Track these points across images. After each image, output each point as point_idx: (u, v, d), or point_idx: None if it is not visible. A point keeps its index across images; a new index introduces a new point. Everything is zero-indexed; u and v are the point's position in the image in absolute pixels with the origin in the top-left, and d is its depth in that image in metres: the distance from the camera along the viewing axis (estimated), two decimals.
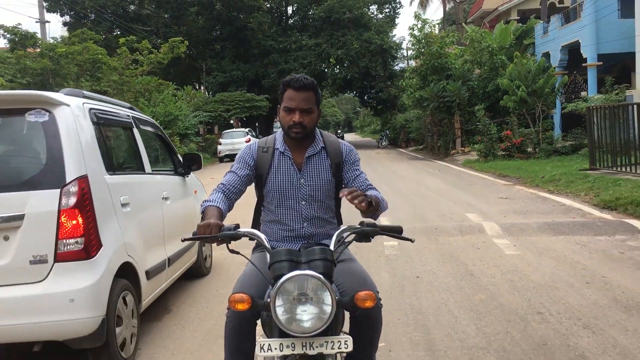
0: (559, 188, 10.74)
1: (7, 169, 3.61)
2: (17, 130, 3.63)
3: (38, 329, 3.32)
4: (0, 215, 3.31)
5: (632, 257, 5.79)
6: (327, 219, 2.77)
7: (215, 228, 2.26)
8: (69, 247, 3.38)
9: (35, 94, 3.65)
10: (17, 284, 3.34)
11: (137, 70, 17.91)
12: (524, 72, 18.61)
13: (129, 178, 4.38)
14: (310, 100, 2.59)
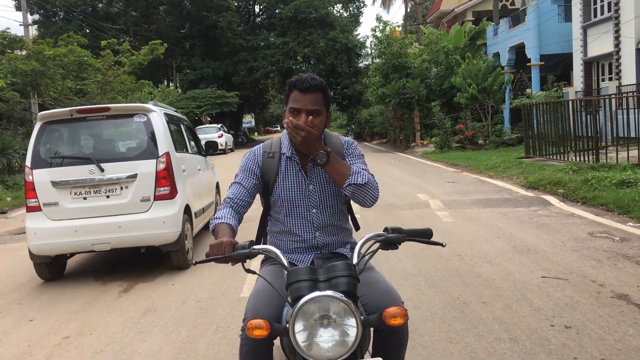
0: (497, 173, 12.63)
1: (126, 148, 6.11)
2: (130, 126, 6.16)
3: (145, 239, 5.92)
4: (125, 174, 5.84)
5: (537, 221, 7.60)
6: (341, 225, 2.57)
7: (228, 247, 2.10)
8: (161, 192, 5.83)
9: (139, 106, 6.08)
10: (134, 213, 5.80)
11: (119, 70, 19.19)
12: (475, 71, 20.56)
13: (184, 155, 6.81)
14: (319, 102, 2.39)
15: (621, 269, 5.15)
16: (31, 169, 5.86)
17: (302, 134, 2.27)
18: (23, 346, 4.28)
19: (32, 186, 5.84)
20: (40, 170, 5.86)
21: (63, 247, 5.89)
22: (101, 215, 5.84)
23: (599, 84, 18.80)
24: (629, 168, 10.07)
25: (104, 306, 5.14)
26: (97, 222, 5.81)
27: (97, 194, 5.86)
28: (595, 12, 18.72)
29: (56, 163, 5.92)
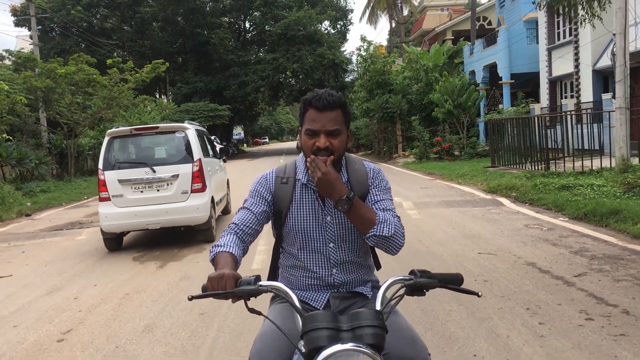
0: (465, 180, 14.39)
1: (171, 156, 8.16)
2: (173, 140, 8.27)
3: (184, 220, 8.25)
4: (170, 174, 8.01)
5: (488, 217, 9.32)
6: (361, 262, 2.30)
7: (230, 281, 1.80)
8: (196, 187, 7.94)
9: (179, 125, 8.28)
10: (176, 202, 8.01)
11: (124, 86, 20.81)
12: (451, 88, 22.43)
13: (208, 159, 8.98)
14: (338, 120, 2.14)
15: (538, 248, 6.86)
16: (103, 170, 8.14)
17: (318, 174, 2.01)
18: (97, 299, 5.88)
19: (103, 183, 8.10)
20: (109, 172, 8.08)
21: (126, 226, 8.25)
22: (153, 203, 8.20)
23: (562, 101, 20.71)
24: (572, 175, 11.87)
25: (148, 276, 6.76)
26: (150, 208, 8.18)
27: (150, 188, 8.19)
28: (559, 35, 20.68)
29: (121, 166, 8.17)
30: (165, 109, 29.72)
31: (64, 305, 5.74)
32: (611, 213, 8.15)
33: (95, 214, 13.40)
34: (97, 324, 5.06)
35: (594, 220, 8.21)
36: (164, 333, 4.67)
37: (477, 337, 4.12)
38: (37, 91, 19.11)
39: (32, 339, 4.78)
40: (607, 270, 5.66)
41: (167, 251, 8.18)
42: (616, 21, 11.51)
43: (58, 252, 8.83)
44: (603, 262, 6.01)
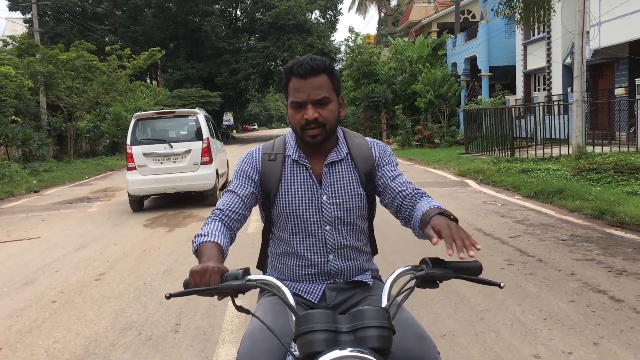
0: (440, 165, 15.71)
1: (185, 134, 9.84)
2: (186, 123, 9.90)
3: (195, 187, 10.39)
4: (184, 149, 9.88)
5: (454, 195, 10.62)
6: (359, 247, 2.04)
7: (215, 275, 1.54)
8: (204, 160, 9.57)
9: (191, 110, 10.03)
10: (189, 172, 9.78)
11: (122, 72, 21.87)
12: (433, 80, 23.69)
13: (214, 140, 10.65)
14: (325, 87, 1.86)
15: (488, 218, 8.17)
16: (130, 145, 10.06)
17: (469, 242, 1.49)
18: (120, 254, 7.11)
19: (131, 155, 10.05)
20: (135, 146, 10.03)
21: (148, 190, 10.26)
22: (170, 172, 10.24)
23: (534, 93, 22.09)
24: (533, 161, 13.21)
25: (159, 238, 8.00)
26: (168, 176, 10.23)
27: (168, 160, 10.06)
28: (533, 31, 21.97)
29: (145, 142, 10.05)
30: (158, 95, 30.72)
31: (93, 257, 6.97)
32: (557, 192, 9.47)
33: (99, 191, 14.60)
34: (124, 269, 6.30)
35: (542, 198, 9.53)
36: (180, 274, 5.91)
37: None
38: (39, 76, 20.11)
39: (74, 279, 6.01)
40: (538, 234, 6.98)
41: (172, 219, 9.41)
42: (576, 23, 12.81)
43: (75, 220, 10.03)
44: (537, 228, 7.33)
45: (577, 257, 5.76)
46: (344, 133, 2.05)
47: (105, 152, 26.88)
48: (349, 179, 1.99)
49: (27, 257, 7.18)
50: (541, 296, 4.62)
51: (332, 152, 1.99)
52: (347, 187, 1.98)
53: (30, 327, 4.57)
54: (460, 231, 1.51)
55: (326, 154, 1.99)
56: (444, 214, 1.65)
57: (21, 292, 5.59)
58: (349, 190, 1.98)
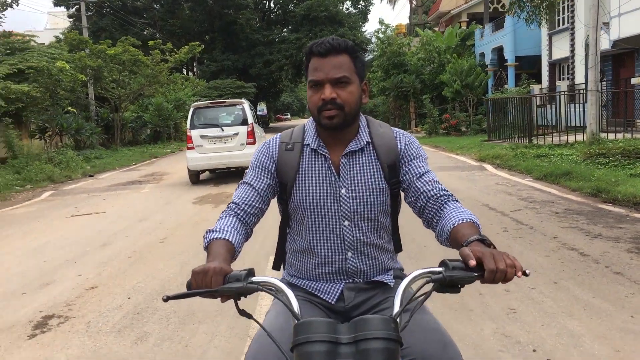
0: (462, 151, 16.64)
1: (233, 120, 11.86)
2: (235, 111, 11.82)
3: (242, 164, 12.44)
4: (233, 132, 12.09)
5: (470, 178, 11.61)
6: (381, 245, 1.89)
7: (216, 277, 1.44)
8: (249, 141, 11.44)
9: (238, 100, 11.88)
10: (237, 151, 11.78)
11: (164, 66, 23.31)
12: (459, 70, 24.47)
13: (256, 125, 12.42)
14: (345, 67, 1.74)
15: (496, 196, 9.17)
16: (190, 129, 12.19)
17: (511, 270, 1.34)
18: (176, 224, 8.36)
19: (190, 138, 12.54)
20: (194, 130, 12.19)
21: (204, 166, 12.70)
22: (221, 151, 12.40)
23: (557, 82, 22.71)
24: (548, 147, 14.06)
25: (207, 212, 9.24)
26: (220, 154, 12.40)
27: (220, 141, 12.21)
28: (558, 22, 22.57)
29: (201, 127, 12.17)
30: (197, 86, 32.20)
31: (154, 227, 8.25)
32: (564, 174, 10.39)
33: (148, 175, 16.01)
34: (182, 235, 7.55)
35: (550, 180, 10.46)
36: None
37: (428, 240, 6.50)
38: (89, 69, 21.67)
39: (142, 242, 7.28)
40: (536, 208, 7.98)
41: (217, 198, 10.67)
42: (590, 16, 13.58)
43: (131, 199, 11.38)
44: (537, 204, 8.33)
45: (564, 226, 6.77)
46: (367, 121, 1.90)
47: (148, 141, 28.46)
48: (370, 171, 1.83)
49: (99, 227, 8.51)
50: (523, 253, 5.67)
51: (352, 141, 1.84)
52: (367, 180, 1.82)
53: (116, 273, 5.83)
54: (504, 259, 1.33)
55: (347, 144, 1.84)
56: (483, 241, 1.46)
57: (102, 251, 6.89)
58: (369, 183, 1.82)
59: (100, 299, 4.99)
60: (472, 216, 1.64)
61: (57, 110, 19.35)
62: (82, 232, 8.19)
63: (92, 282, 5.52)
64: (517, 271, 1.34)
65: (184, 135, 30.59)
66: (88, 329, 4.25)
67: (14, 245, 7.58)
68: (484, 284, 1.37)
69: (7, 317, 4.64)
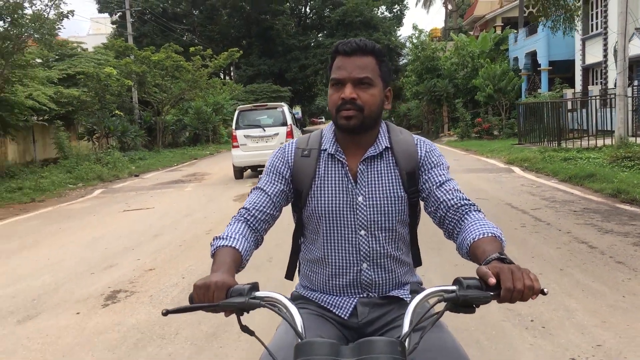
0: (492, 154, 17.06)
1: (274, 121, 13.00)
2: (275, 113, 12.97)
3: None
4: (273, 132, 13.20)
5: (497, 179, 12.08)
6: (398, 257, 1.82)
7: (219, 292, 1.39)
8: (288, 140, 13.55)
9: (279, 104, 13.00)
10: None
11: (205, 71, 24.32)
12: (492, 74, 24.80)
13: (295, 127, 13.58)
14: (370, 69, 1.69)
15: (520, 197, 9.65)
16: (235, 129, 13.39)
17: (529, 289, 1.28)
18: (220, 218, 9.10)
19: (235, 137, 13.92)
20: (239, 130, 13.34)
21: (247, 163, 13.99)
22: (263, 150, 13.29)
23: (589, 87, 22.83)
24: (576, 150, 14.39)
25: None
26: (262, 152, 13.23)
27: (262, 140, 13.27)
28: (592, 27, 22.71)
29: (245, 127, 13.36)
30: (234, 91, 33.22)
31: (200, 221, 9.01)
32: (588, 176, 10.78)
33: (189, 175, 16.90)
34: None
35: (574, 181, 10.86)
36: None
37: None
38: (133, 75, 22.80)
39: (190, 234, 8.04)
40: (556, 207, 8.45)
41: None
42: (618, 24, 13.89)
43: (175, 197, 12.22)
44: (557, 203, 8.80)
45: (579, 222, 7.26)
46: (387, 127, 1.85)
47: (187, 143, 29.55)
48: (388, 179, 1.77)
49: (149, 221, 9.32)
50: (537, 246, 6.20)
51: (371, 146, 1.78)
52: (385, 188, 1.76)
53: (169, 258, 6.59)
54: (523, 277, 1.28)
55: (365, 149, 1.78)
56: (503, 260, 1.39)
57: (154, 241, 7.67)
58: (388, 191, 1.76)
59: (158, 278, 5.73)
60: (495, 229, 1.56)
61: (104, 114, 20.49)
62: (135, 225, 9.01)
63: (150, 265, 6.28)
64: (535, 291, 1.27)
65: (221, 138, 31.73)
66: (151, 300, 4.98)
67: (76, 235, 8.45)
68: (501, 303, 1.29)
69: (82, 291, 5.42)
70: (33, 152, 19.97)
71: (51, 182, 14.67)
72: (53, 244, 7.85)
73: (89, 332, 4.31)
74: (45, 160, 19.39)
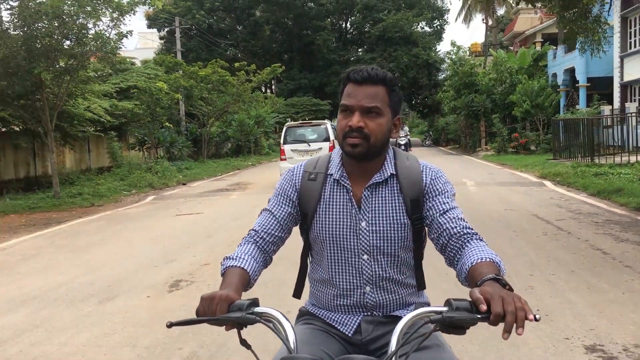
0: (527, 169, 17.48)
1: (318, 137, 14.23)
2: (319, 130, 14.11)
3: None
4: (318, 147, 13.98)
5: (527, 192, 12.57)
6: (402, 280, 1.86)
7: (222, 305, 1.48)
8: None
9: (322, 121, 14.21)
10: None
11: (249, 85, 25.45)
12: (529, 90, 25.15)
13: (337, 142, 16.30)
14: (379, 98, 1.75)
15: (547, 209, 10.17)
16: (283, 144, 14.47)
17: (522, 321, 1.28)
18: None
19: (283, 151, 15.10)
20: (286, 145, 14.41)
21: None
22: None
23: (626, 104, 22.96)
24: (609, 166, 14.74)
25: None
26: None
27: (307, 154, 14.00)
28: (630, 45, 22.88)
29: (292, 142, 14.46)
30: (276, 104, 34.34)
31: (248, 224, 9.72)
32: (616, 191, 11.21)
33: (234, 184, 17.85)
34: None
35: (603, 196, 11.29)
36: None
37: None
38: (181, 89, 24.05)
39: (239, 234, 8.79)
40: (580, 218, 8.96)
41: None
42: None
43: (222, 203, 13.12)
44: (582, 215, 9.30)
45: (598, 232, 7.79)
46: (394, 153, 1.90)
47: (230, 154, 30.70)
48: (392, 205, 1.82)
49: (201, 224, 10.21)
50: (554, 251, 6.78)
51: (377, 173, 1.83)
52: (389, 214, 1.81)
53: (222, 255, 7.36)
54: (513, 302, 1.28)
55: (371, 176, 1.83)
56: (499, 280, 1.41)
57: (207, 241, 8.52)
58: (391, 218, 1.80)
59: (213, 271, 6.54)
60: (494, 255, 1.58)
61: (155, 125, 21.73)
62: (188, 227, 9.91)
63: (205, 261, 7.12)
64: (528, 314, 1.27)
65: (263, 150, 32.82)
66: (209, 288, 5.79)
67: (137, 235, 9.39)
68: (491, 326, 1.30)
69: (149, 280, 6.28)
70: (88, 160, 21.30)
71: (107, 188, 15.81)
72: (118, 242, 8.79)
73: (160, 310, 5.13)
74: (99, 168, 20.67)
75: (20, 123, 15.67)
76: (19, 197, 14.63)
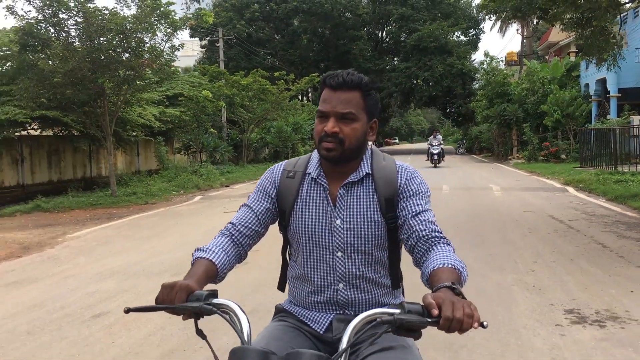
0: (553, 176, 18.20)
1: None
2: None
3: None
4: None
5: (549, 197, 13.37)
6: (375, 279, 1.89)
7: (181, 293, 1.51)
8: None
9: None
10: None
11: (287, 94, 26.75)
12: (560, 100, 25.74)
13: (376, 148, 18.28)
14: (354, 104, 1.78)
15: (564, 211, 10.99)
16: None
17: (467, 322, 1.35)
18: None
19: None
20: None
21: None
22: None
23: None
24: (631, 174, 15.41)
25: None
26: None
27: None
28: None
29: None
30: (312, 111, 35.62)
31: None
32: (632, 196, 11.95)
33: None
34: None
35: (620, 200, 12.04)
36: None
37: (493, 236, 8.64)
38: (224, 96, 25.47)
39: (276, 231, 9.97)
40: (591, 219, 9.80)
41: None
42: None
43: None
44: (594, 217, 10.13)
45: (604, 230, 8.65)
46: (371, 153, 1.93)
47: (268, 159, 32.04)
48: (366, 204, 1.84)
49: None
50: (559, 244, 7.70)
51: (353, 173, 1.87)
52: (363, 213, 1.83)
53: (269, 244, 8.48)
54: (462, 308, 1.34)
55: (348, 176, 1.87)
56: (453, 289, 1.44)
57: None
58: (365, 216, 1.83)
59: (263, 257, 7.63)
60: (457, 262, 1.61)
61: (200, 131, 23.16)
62: None
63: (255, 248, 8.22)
64: (474, 322, 1.32)
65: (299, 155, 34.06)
66: (261, 267, 6.92)
67: (191, 228, 10.61)
68: (440, 330, 1.35)
69: None
70: (137, 163, 22.84)
71: (158, 188, 17.19)
72: (174, 234, 10.03)
73: (223, 284, 6.26)
74: (148, 170, 22.17)
75: (81, 128, 17.16)
76: (80, 195, 16.11)
